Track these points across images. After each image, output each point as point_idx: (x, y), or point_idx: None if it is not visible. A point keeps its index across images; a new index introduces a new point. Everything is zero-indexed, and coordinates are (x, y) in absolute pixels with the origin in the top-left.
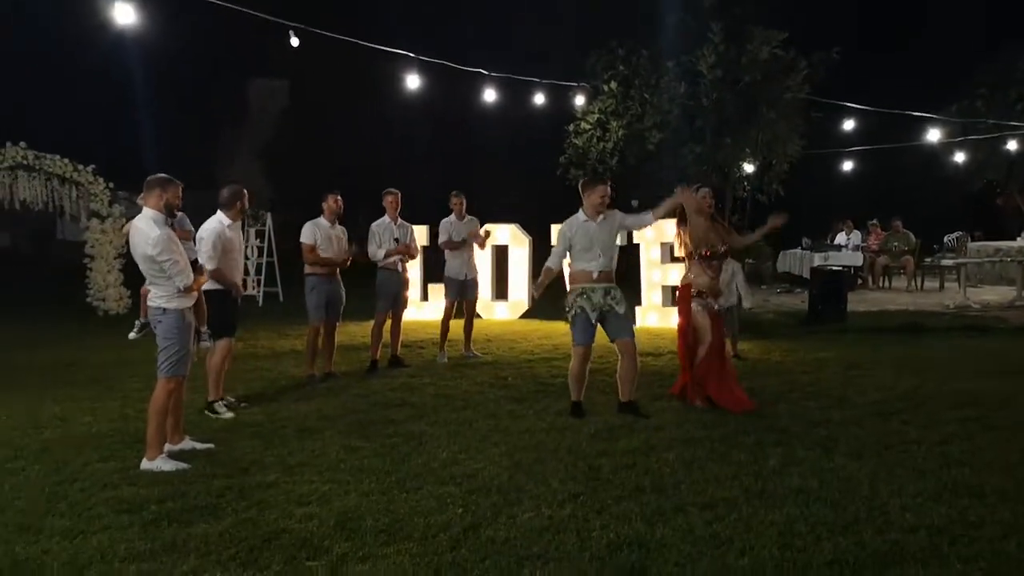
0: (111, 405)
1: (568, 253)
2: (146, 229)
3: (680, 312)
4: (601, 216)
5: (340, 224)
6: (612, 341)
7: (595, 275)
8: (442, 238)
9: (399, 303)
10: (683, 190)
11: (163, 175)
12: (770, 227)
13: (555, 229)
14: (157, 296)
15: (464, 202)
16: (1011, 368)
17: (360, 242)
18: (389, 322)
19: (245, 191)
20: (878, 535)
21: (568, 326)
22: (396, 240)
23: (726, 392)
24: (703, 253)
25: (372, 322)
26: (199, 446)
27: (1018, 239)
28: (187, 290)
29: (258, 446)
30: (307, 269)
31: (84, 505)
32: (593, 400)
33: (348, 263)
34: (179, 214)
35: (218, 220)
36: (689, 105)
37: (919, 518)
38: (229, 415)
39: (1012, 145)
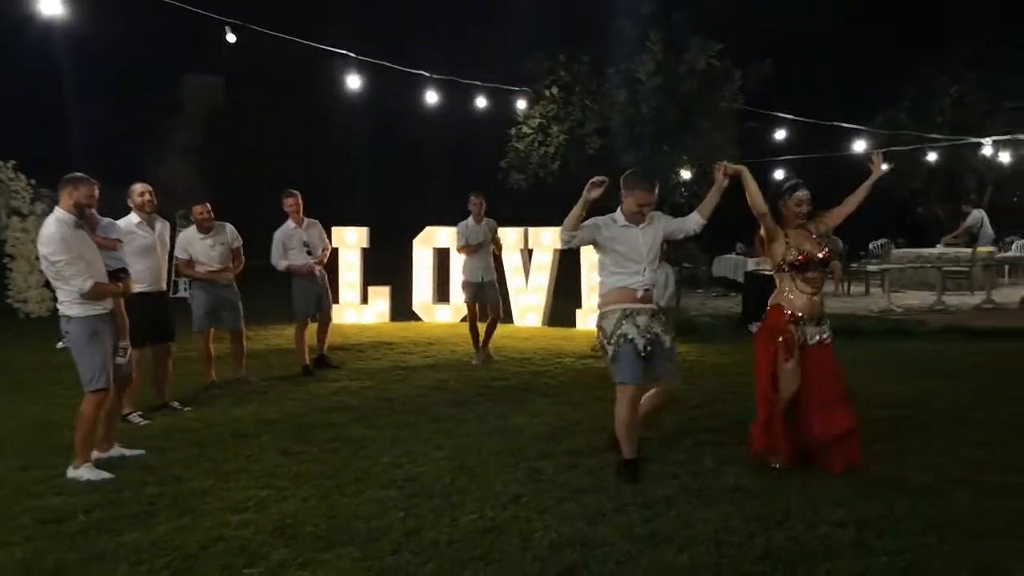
0: (34, 411)
1: (601, 262)
2: (44, 227)
3: (759, 346)
4: (643, 222)
5: (222, 224)
6: (656, 379)
7: (639, 294)
8: (459, 242)
9: (322, 307)
10: (720, 167)
11: (76, 174)
12: (876, 178)
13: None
14: (61, 301)
15: (483, 203)
16: (932, 369)
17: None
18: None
19: (136, 186)
20: (809, 529)
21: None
22: (305, 243)
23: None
24: (796, 260)
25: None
26: (128, 453)
27: (937, 246)
28: (89, 296)
29: (192, 452)
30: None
31: (6, 515)
32: (535, 403)
33: (237, 271)
34: (105, 220)
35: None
36: (629, 112)
37: (848, 513)
38: (144, 423)
39: (932, 157)
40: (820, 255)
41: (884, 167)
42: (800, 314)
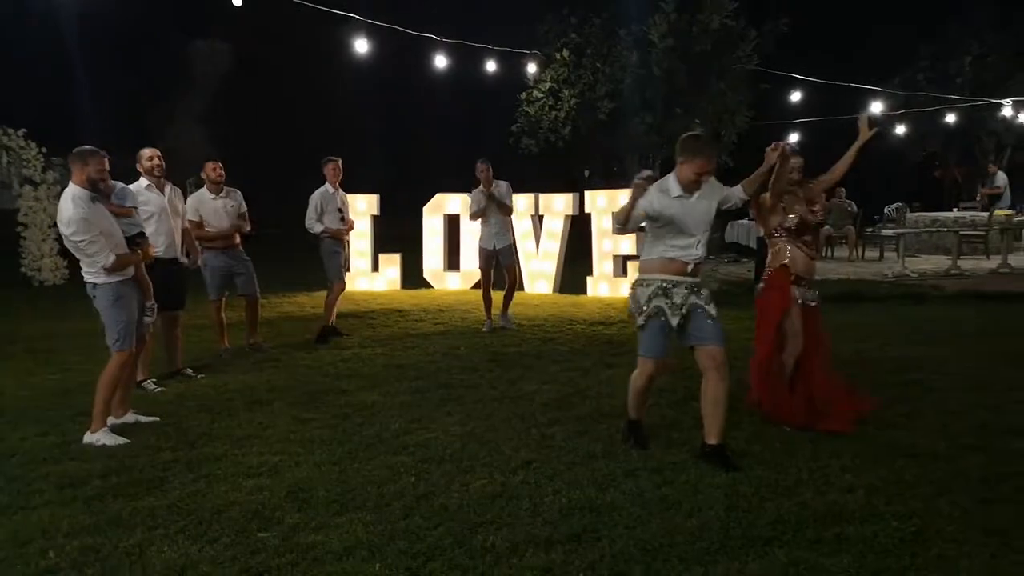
0: (50, 378)
1: (649, 230)
2: (63, 206)
3: (766, 307)
4: (698, 191)
5: (230, 188)
6: (691, 347)
7: (690, 267)
8: (472, 208)
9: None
10: (775, 146)
11: (86, 147)
12: (862, 142)
13: None
14: (86, 271)
15: (490, 169)
16: (946, 334)
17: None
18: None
19: (145, 151)
20: (819, 495)
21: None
22: (340, 210)
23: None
24: (791, 226)
25: (324, 293)
26: (143, 419)
27: (954, 210)
28: (113, 269)
29: (205, 419)
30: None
31: (24, 480)
32: (546, 369)
33: (245, 231)
34: (119, 186)
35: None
36: (641, 75)
37: (857, 478)
38: (158, 390)
39: (950, 118)
40: (815, 222)
41: (900, 128)
42: (802, 275)
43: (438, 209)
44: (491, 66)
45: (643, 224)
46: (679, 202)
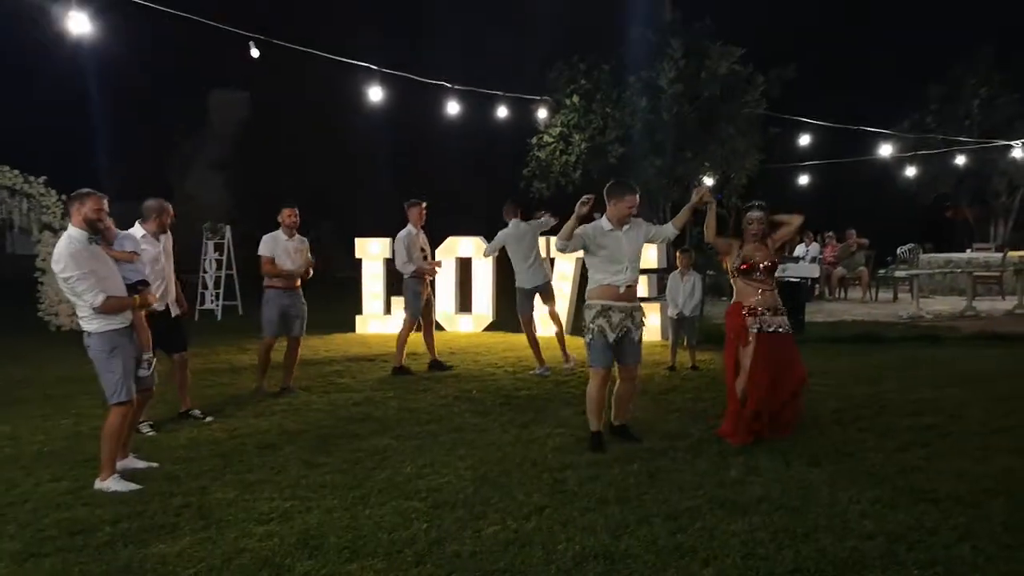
0: (63, 423)
1: (588, 263)
2: (57, 246)
3: (728, 336)
4: (627, 225)
5: (300, 235)
6: (615, 363)
7: (622, 290)
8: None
9: (431, 309)
10: (698, 190)
11: (82, 190)
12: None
13: None
14: (80, 318)
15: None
16: (962, 376)
17: (327, 258)
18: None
19: (167, 207)
20: (838, 542)
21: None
22: (423, 250)
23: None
24: (740, 267)
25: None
26: (141, 464)
27: (967, 251)
28: (102, 310)
29: (217, 463)
30: (265, 282)
31: (35, 527)
32: (557, 413)
33: (310, 274)
34: (122, 233)
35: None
36: (650, 119)
37: (877, 524)
38: (152, 433)
39: (960, 160)
40: (763, 264)
41: (910, 170)
42: (756, 307)
43: (450, 252)
44: (502, 112)
45: (580, 253)
46: (611, 235)
